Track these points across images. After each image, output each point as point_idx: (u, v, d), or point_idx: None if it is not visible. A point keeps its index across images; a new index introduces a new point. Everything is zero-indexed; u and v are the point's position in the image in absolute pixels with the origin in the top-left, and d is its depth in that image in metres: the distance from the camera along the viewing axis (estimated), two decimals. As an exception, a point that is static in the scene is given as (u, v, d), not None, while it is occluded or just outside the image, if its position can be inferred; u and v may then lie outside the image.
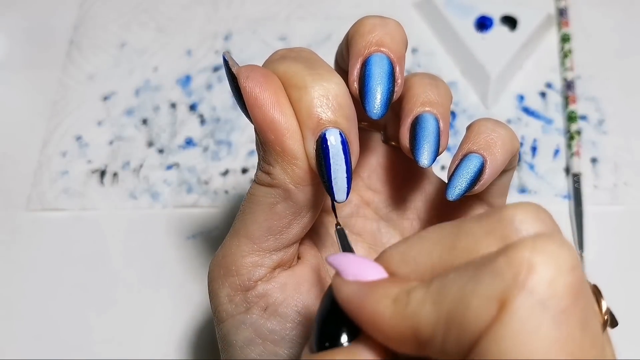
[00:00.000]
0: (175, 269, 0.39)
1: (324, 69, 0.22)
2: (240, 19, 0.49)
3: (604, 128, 0.42)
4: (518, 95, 0.44)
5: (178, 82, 0.46)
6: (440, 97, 0.25)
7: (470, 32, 0.45)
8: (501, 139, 0.24)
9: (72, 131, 0.44)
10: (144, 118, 0.44)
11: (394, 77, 0.23)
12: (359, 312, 0.16)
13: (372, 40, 0.23)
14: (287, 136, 0.21)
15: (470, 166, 0.24)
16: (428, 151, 0.24)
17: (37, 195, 0.42)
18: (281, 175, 0.22)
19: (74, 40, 0.49)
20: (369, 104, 0.23)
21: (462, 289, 0.14)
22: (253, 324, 0.23)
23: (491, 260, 0.14)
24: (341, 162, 0.21)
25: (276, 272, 0.24)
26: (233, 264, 0.23)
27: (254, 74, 0.21)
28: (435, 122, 0.24)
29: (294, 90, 0.21)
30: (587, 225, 0.38)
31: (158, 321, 0.38)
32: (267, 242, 0.23)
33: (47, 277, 0.39)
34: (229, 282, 0.23)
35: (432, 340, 0.14)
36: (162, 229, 0.40)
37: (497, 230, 0.15)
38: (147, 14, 0.50)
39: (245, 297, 0.23)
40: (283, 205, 0.22)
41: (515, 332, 0.13)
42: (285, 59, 0.23)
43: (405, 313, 0.15)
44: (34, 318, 0.38)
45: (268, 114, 0.21)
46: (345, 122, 0.21)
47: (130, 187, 0.42)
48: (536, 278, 0.13)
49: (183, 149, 0.43)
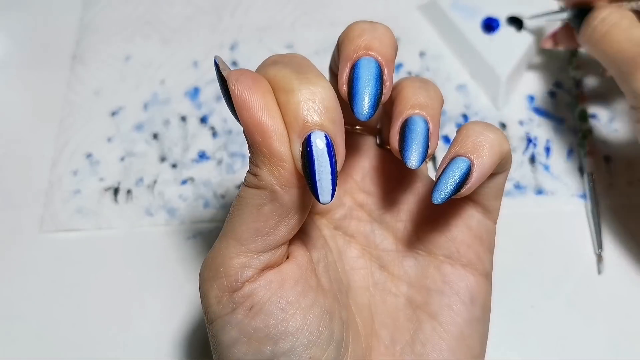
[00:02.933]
0: (175, 269, 0.39)
1: (312, 73, 0.23)
2: (245, 28, 0.48)
3: (615, 126, 0.43)
4: (528, 95, 0.44)
5: (186, 94, 0.46)
6: (431, 99, 0.26)
7: (478, 34, 0.45)
8: (489, 142, 0.25)
9: (82, 149, 0.44)
10: (155, 132, 0.44)
11: (382, 79, 0.24)
12: None
13: (360, 44, 0.24)
14: (273, 138, 0.22)
15: (456, 170, 0.24)
16: (416, 152, 0.25)
17: (50, 217, 0.41)
18: (268, 177, 0.22)
19: (77, 55, 0.48)
20: (357, 106, 0.23)
21: None
22: (238, 324, 0.23)
23: None
24: (326, 164, 0.21)
25: (264, 272, 0.24)
26: (221, 266, 0.24)
27: (243, 77, 0.22)
28: (424, 124, 0.25)
29: (282, 93, 0.22)
30: (604, 224, 0.39)
31: (158, 321, 0.38)
32: (254, 244, 0.23)
33: (66, 297, 0.39)
34: (217, 283, 0.24)
35: None
36: (179, 243, 0.40)
37: None
38: (150, 25, 0.49)
39: (231, 298, 0.24)
40: (270, 206, 0.23)
41: None
42: (276, 64, 0.23)
43: None
44: (38, 321, 0.38)
45: (255, 117, 0.21)
46: (331, 125, 0.22)
47: (145, 204, 0.41)
48: None
49: (197, 163, 0.43)
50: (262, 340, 0.23)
